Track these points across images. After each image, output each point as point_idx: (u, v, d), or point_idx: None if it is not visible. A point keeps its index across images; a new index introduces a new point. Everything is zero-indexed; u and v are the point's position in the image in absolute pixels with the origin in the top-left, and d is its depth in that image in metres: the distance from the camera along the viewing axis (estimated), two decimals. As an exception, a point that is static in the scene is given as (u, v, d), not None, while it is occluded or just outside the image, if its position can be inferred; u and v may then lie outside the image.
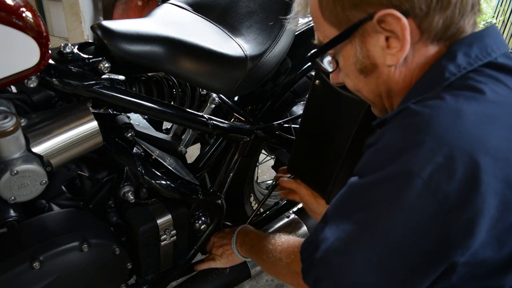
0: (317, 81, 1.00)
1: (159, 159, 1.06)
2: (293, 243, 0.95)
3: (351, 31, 0.63)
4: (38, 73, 0.78)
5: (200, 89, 1.17)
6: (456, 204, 0.52)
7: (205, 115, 1.09)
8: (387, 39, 0.61)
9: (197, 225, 1.14)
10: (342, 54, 0.68)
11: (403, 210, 0.54)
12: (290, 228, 1.32)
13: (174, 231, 1.04)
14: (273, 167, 1.44)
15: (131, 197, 0.96)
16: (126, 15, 2.78)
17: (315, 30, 0.71)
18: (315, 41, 0.72)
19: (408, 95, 0.64)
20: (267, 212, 1.50)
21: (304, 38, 1.22)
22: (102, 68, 0.87)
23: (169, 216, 1.03)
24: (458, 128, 0.53)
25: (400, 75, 0.65)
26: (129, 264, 0.98)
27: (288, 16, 0.81)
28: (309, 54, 0.72)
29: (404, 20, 0.58)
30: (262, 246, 1.00)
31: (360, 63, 0.66)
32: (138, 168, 0.97)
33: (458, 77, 0.59)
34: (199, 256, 1.24)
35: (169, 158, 1.09)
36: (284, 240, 0.97)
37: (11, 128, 0.72)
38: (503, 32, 4.71)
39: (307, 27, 1.26)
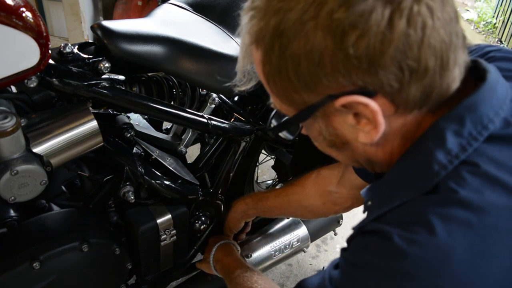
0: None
1: (159, 159, 1.06)
2: None
3: (309, 114, 0.53)
4: (38, 73, 0.78)
5: (200, 89, 1.17)
6: None
7: (205, 115, 1.09)
8: (355, 114, 0.51)
9: (197, 225, 1.14)
10: (306, 128, 0.59)
11: None
12: (290, 228, 1.32)
13: (174, 231, 1.04)
14: (273, 167, 1.44)
15: (131, 197, 0.96)
16: (126, 15, 2.78)
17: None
18: (271, 104, 0.59)
19: (392, 180, 0.55)
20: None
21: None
22: (102, 68, 0.87)
23: (169, 216, 1.03)
24: (451, 274, 0.45)
25: (377, 148, 0.56)
26: (129, 264, 0.98)
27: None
28: (268, 126, 0.63)
29: (372, 105, 0.48)
30: (235, 277, 1.00)
31: (328, 140, 0.57)
32: (138, 168, 0.97)
33: (450, 172, 0.49)
34: (199, 256, 1.24)
35: (169, 158, 1.09)
36: (258, 286, 0.95)
37: (11, 128, 0.72)
38: (503, 32, 4.71)
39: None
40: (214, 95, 1.15)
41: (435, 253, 0.45)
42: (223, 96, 1.19)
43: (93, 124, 0.85)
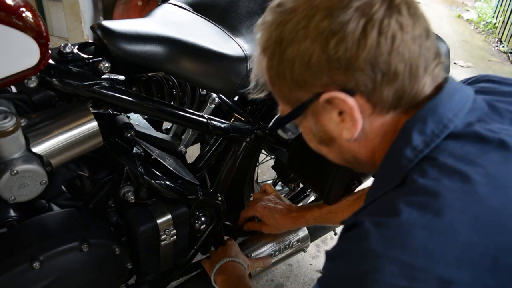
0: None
1: (159, 159, 1.06)
2: None
3: (301, 110, 0.62)
4: (38, 73, 0.78)
5: (200, 89, 1.17)
6: None
7: (205, 115, 1.09)
8: (340, 113, 0.59)
9: (197, 225, 1.14)
10: (300, 126, 0.68)
11: None
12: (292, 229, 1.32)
13: (174, 231, 1.04)
14: (273, 167, 1.44)
15: (131, 197, 0.96)
16: (126, 15, 2.78)
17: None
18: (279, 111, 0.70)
19: (376, 180, 0.63)
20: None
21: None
22: (102, 68, 0.88)
23: (169, 216, 1.03)
24: (412, 248, 0.50)
25: (360, 146, 0.64)
26: (129, 264, 0.98)
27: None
28: (269, 125, 0.69)
29: (349, 100, 0.56)
30: None
31: (317, 136, 0.66)
32: (138, 168, 0.97)
33: (416, 163, 0.57)
34: (199, 256, 1.24)
35: (169, 158, 1.09)
36: None
37: (11, 128, 0.72)
38: (503, 32, 4.71)
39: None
40: (214, 95, 1.15)
41: (397, 231, 0.52)
42: (223, 96, 1.19)
43: (93, 124, 0.85)
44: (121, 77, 0.99)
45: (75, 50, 0.88)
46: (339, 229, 1.48)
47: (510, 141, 0.56)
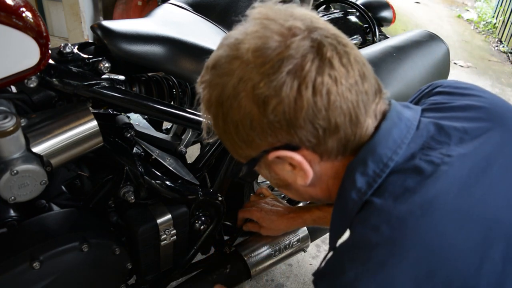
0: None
1: (159, 159, 1.06)
2: None
3: (253, 164, 0.64)
4: (38, 73, 0.78)
5: (200, 89, 1.17)
6: None
7: (205, 115, 1.08)
8: (291, 164, 0.61)
9: (197, 225, 1.14)
10: (258, 171, 0.69)
11: None
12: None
13: (174, 231, 1.04)
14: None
15: (131, 197, 0.96)
16: (126, 15, 2.78)
17: None
18: None
19: (333, 215, 0.66)
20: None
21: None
22: (102, 68, 0.88)
23: (169, 216, 1.03)
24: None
25: (316, 188, 0.66)
26: (129, 264, 0.98)
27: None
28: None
29: (296, 156, 0.58)
30: None
31: (273, 182, 0.69)
32: (138, 168, 0.97)
33: (362, 206, 0.58)
34: (199, 256, 1.24)
35: (169, 158, 1.09)
36: None
37: (11, 128, 0.72)
38: (503, 32, 4.71)
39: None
40: (214, 95, 1.14)
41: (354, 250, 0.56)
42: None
43: (93, 124, 0.85)
44: (121, 77, 0.99)
45: (75, 50, 0.88)
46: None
47: (450, 170, 0.56)
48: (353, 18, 1.61)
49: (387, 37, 1.59)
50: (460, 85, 0.72)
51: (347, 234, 0.61)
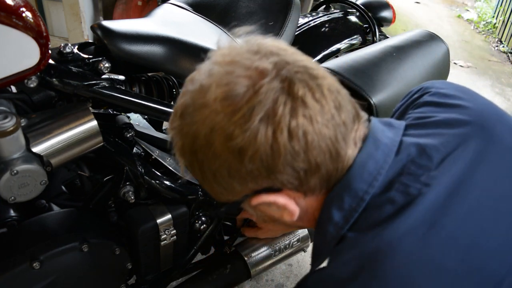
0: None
1: (159, 159, 1.06)
2: None
3: (235, 206, 0.62)
4: (38, 73, 0.78)
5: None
6: None
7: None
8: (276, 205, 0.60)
9: (197, 225, 1.14)
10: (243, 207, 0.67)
11: None
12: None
13: (174, 231, 1.04)
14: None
15: (131, 197, 0.96)
16: (126, 15, 2.78)
17: None
18: None
19: (315, 243, 0.66)
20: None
21: (303, 38, 1.22)
22: (102, 68, 0.88)
23: (169, 216, 1.03)
24: None
25: (303, 220, 0.64)
26: (129, 264, 0.98)
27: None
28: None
29: (280, 198, 0.57)
30: None
31: (260, 219, 0.68)
32: (138, 168, 0.97)
33: (338, 239, 0.58)
34: (199, 256, 1.24)
35: (169, 158, 1.09)
36: None
37: (11, 128, 0.72)
38: (503, 32, 4.71)
39: (307, 27, 1.27)
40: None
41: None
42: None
43: (93, 124, 0.85)
44: (121, 77, 0.99)
45: (75, 50, 0.88)
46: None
47: (425, 202, 0.55)
48: (353, 18, 1.61)
49: (387, 37, 1.59)
50: (449, 92, 0.70)
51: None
